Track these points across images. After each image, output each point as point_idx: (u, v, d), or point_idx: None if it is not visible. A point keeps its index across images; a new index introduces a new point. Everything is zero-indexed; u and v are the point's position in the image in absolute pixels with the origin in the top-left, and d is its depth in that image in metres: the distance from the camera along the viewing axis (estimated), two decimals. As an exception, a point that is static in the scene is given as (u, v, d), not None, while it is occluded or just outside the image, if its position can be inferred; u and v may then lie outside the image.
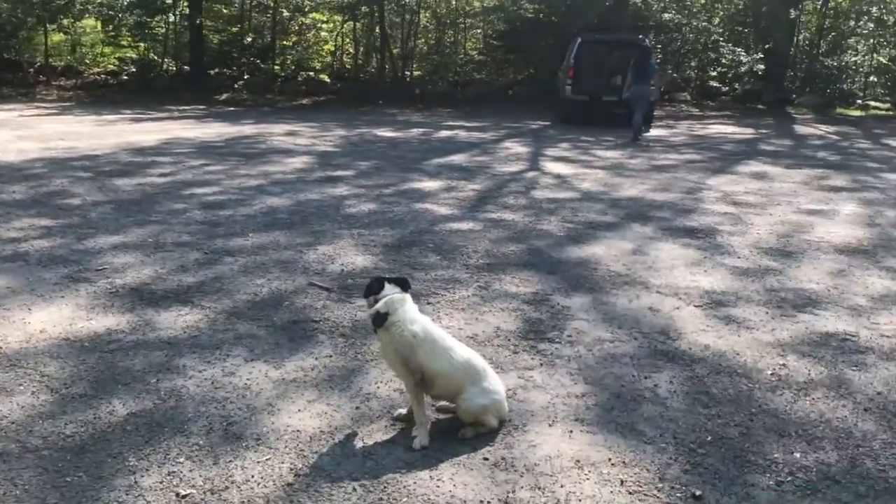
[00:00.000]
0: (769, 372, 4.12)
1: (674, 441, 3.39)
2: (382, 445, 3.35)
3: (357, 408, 3.66)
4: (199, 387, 3.86)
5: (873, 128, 18.90)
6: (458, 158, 11.73)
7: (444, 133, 15.47)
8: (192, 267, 5.87)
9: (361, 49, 31.98)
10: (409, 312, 3.44)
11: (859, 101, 25.25)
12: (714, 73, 28.11)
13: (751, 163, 11.89)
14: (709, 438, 3.41)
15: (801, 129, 18.26)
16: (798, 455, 3.26)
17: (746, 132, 17.18)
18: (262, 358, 4.23)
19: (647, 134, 16.00)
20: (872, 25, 28.30)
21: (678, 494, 2.98)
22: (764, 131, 17.41)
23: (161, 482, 3.02)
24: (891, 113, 23.45)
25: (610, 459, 3.22)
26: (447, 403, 3.54)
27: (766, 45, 25.83)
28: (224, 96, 25.47)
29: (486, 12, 27.43)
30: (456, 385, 3.39)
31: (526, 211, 8.01)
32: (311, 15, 30.50)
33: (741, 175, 10.55)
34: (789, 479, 3.09)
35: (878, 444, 3.37)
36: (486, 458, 3.23)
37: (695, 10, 26.90)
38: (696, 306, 5.14)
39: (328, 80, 28.99)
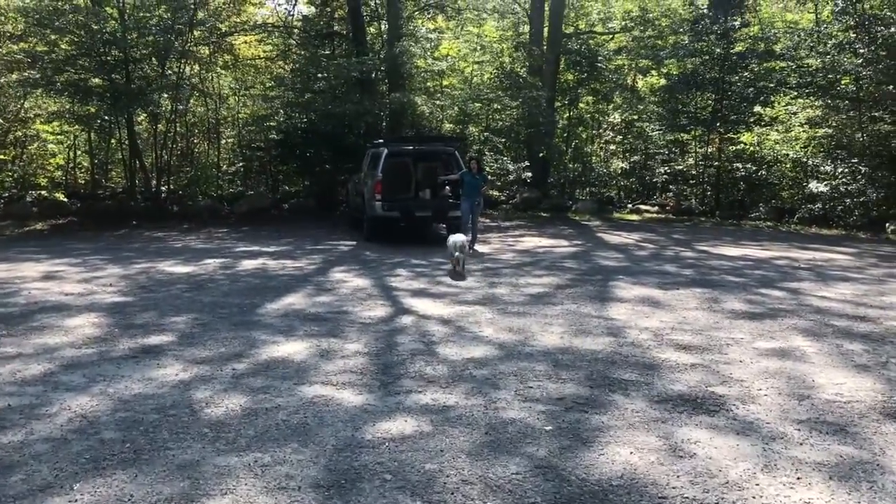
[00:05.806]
0: None
1: None
2: None
3: None
4: None
5: (668, 233, 19.15)
6: (296, 301, 9.27)
7: (249, 263, 12.84)
8: None
9: (96, 162, 28.22)
10: None
11: (629, 206, 26.13)
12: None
13: (618, 284, 10.74)
14: None
15: (607, 237, 17.95)
16: None
17: (563, 244, 16.42)
18: None
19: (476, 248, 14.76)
20: (611, 134, 30.24)
21: None
22: (578, 242, 16.78)
23: None
24: (661, 216, 24.36)
25: None
26: None
27: (541, 154, 26.12)
28: (-72, 223, 20.52)
29: (257, 121, 25.00)
30: None
31: (461, 385, 5.90)
32: (34, 126, 26.26)
33: (633, 303, 9.27)
34: None
35: None
36: None
37: (476, 119, 26.71)
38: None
39: (65, 200, 24.85)
